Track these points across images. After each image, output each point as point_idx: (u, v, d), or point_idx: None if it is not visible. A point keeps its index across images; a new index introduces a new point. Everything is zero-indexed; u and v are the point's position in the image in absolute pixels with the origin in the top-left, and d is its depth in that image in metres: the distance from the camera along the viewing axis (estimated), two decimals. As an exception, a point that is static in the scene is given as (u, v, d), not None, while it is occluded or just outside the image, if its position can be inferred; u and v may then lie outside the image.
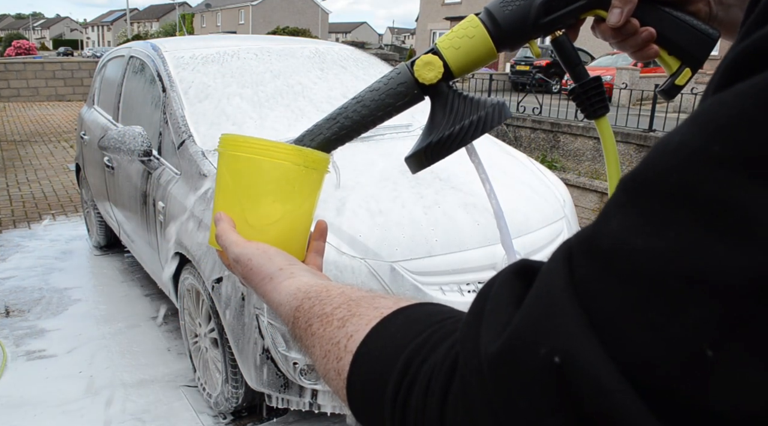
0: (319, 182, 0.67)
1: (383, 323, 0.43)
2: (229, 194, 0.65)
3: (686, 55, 0.63)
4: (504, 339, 0.31)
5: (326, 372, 0.46)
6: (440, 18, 28.02)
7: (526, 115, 8.38)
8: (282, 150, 0.64)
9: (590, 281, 0.29)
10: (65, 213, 5.49)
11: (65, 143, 9.17)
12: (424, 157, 0.67)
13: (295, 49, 3.38)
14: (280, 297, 0.54)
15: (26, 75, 14.54)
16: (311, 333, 0.48)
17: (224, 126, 2.71)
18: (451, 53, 0.66)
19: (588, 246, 0.30)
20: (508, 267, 0.36)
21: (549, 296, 0.30)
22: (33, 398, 2.66)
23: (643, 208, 0.28)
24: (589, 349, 0.27)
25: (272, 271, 0.57)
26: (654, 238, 0.27)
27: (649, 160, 0.29)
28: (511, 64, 17.83)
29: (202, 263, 2.30)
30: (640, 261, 0.27)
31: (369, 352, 0.42)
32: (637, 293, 0.27)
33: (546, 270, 0.32)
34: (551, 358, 0.28)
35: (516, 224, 2.30)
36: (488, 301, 0.35)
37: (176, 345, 3.12)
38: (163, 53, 3.14)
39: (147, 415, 2.56)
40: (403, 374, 0.38)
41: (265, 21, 53.52)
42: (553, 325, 0.29)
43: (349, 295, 0.48)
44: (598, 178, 6.68)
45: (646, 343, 0.26)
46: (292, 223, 0.65)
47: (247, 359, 2.16)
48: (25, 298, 3.67)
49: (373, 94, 0.70)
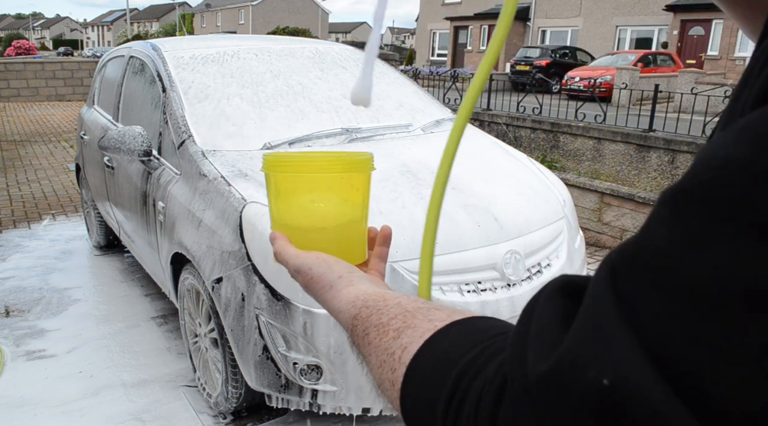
0: (365, 183, 0.68)
1: (436, 337, 0.43)
2: (281, 211, 0.67)
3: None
4: (552, 362, 0.30)
5: (381, 382, 0.46)
6: (440, 18, 28.02)
7: (526, 115, 8.38)
8: (320, 161, 0.65)
9: (637, 299, 0.28)
10: (65, 213, 5.49)
11: (65, 143, 9.17)
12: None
13: (295, 49, 3.38)
14: (340, 304, 0.55)
15: (26, 75, 14.54)
16: (368, 342, 0.49)
17: (224, 126, 2.71)
18: None
19: (632, 262, 0.29)
20: (552, 283, 0.36)
21: (595, 316, 0.29)
22: (33, 398, 2.66)
23: (690, 222, 0.27)
24: (640, 371, 0.27)
25: (332, 280, 0.58)
26: (704, 254, 0.26)
27: (693, 173, 0.28)
28: (511, 64, 17.81)
29: (202, 263, 2.30)
30: (691, 277, 0.26)
31: (421, 366, 0.42)
32: (690, 311, 0.26)
33: (591, 289, 0.31)
34: (600, 381, 0.28)
35: (516, 224, 2.30)
36: (534, 320, 0.34)
37: (176, 345, 3.12)
38: (163, 53, 3.14)
39: (147, 415, 2.56)
40: (453, 391, 0.38)
41: (265, 21, 53.51)
42: (600, 346, 0.28)
43: (405, 306, 0.49)
44: (598, 178, 6.68)
45: (702, 364, 0.25)
46: (346, 228, 0.66)
47: (247, 359, 2.16)
48: (25, 298, 3.67)
49: None
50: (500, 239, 2.22)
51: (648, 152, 6.98)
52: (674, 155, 6.71)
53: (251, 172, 2.38)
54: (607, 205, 5.22)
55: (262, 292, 2.07)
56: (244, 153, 2.55)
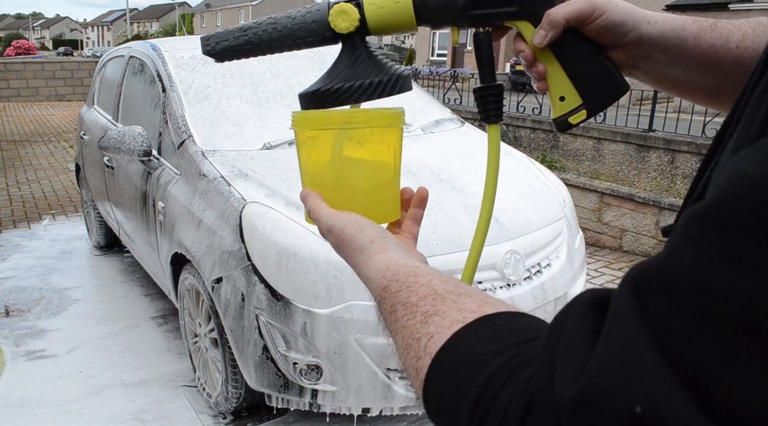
0: (395, 140, 0.66)
1: (465, 332, 0.42)
2: (310, 170, 0.66)
3: (589, 97, 0.63)
4: (580, 385, 0.29)
5: (406, 366, 0.46)
6: (440, 18, 27.95)
7: (526, 115, 8.38)
8: (347, 115, 0.64)
9: (668, 321, 0.27)
10: (65, 213, 5.49)
11: (65, 143, 9.17)
12: (309, 100, 0.66)
13: (295, 49, 3.37)
14: (369, 272, 0.54)
15: (26, 75, 14.54)
16: (395, 319, 0.48)
17: (224, 126, 2.71)
18: (373, 10, 0.65)
19: (660, 282, 0.28)
20: (581, 297, 0.35)
21: (623, 339, 0.28)
22: (33, 398, 2.66)
23: (722, 242, 0.26)
24: (673, 398, 0.26)
25: (364, 244, 0.57)
26: (738, 275, 0.25)
27: (724, 192, 0.27)
28: (511, 64, 17.80)
29: (202, 263, 2.30)
30: (724, 299, 0.25)
31: (448, 362, 0.42)
32: (725, 335, 0.25)
33: (615, 308, 0.30)
34: (632, 408, 0.27)
35: (516, 224, 2.30)
36: (563, 337, 0.33)
37: (176, 345, 3.12)
38: (163, 53, 3.14)
39: (147, 415, 2.56)
40: (480, 396, 0.37)
41: (265, 21, 53.41)
42: (631, 371, 0.27)
43: (435, 287, 0.48)
44: (598, 178, 6.69)
45: (739, 391, 0.25)
46: (377, 186, 0.65)
47: (247, 359, 2.16)
48: (25, 298, 3.67)
49: (288, 21, 0.68)
50: (500, 239, 2.22)
51: (648, 152, 6.99)
52: (674, 155, 6.71)
53: (251, 172, 2.38)
54: (606, 205, 5.22)
55: (262, 292, 2.07)
56: (244, 153, 2.55)
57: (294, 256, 2.05)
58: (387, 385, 2.06)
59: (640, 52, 0.62)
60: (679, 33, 0.61)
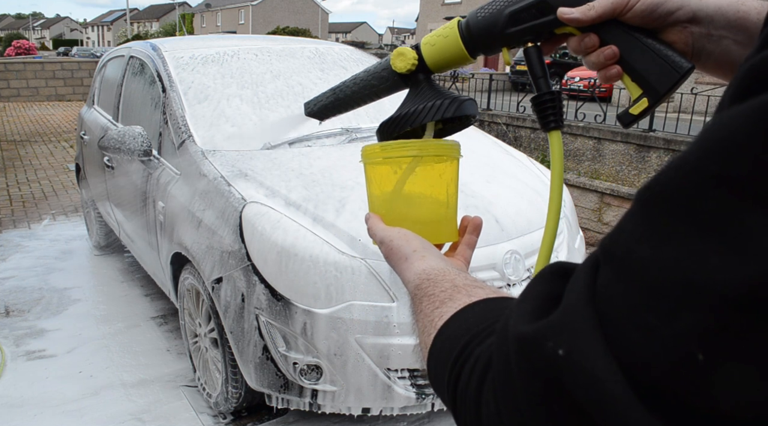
0: (450, 170, 0.72)
1: (465, 309, 0.49)
2: (375, 194, 0.74)
3: (646, 85, 0.62)
4: (527, 328, 0.34)
5: (422, 346, 0.52)
6: (440, 18, 28.01)
7: (526, 115, 8.38)
8: (404, 148, 0.69)
9: (606, 286, 0.32)
10: (65, 213, 5.49)
11: (65, 143, 9.17)
12: (380, 131, 0.73)
13: (295, 50, 3.38)
14: (409, 275, 0.61)
15: (26, 75, 14.53)
16: (420, 310, 0.55)
17: (224, 126, 2.71)
18: (428, 49, 0.71)
19: (605, 253, 0.33)
20: (549, 266, 0.40)
21: (571, 299, 0.33)
22: (33, 398, 2.66)
23: (650, 219, 0.30)
24: (589, 345, 0.30)
25: (407, 253, 0.63)
26: (657, 249, 0.29)
27: (658, 174, 0.31)
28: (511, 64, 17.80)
29: (202, 263, 2.30)
30: (645, 269, 0.29)
31: (445, 333, 0.48)
32: (639, 298, 0.29)
33: (574, 276, 0.35)
34: (556, 351, 0.32)
35: (516, 224, 2.30)
36: (524, 294, 0.39)
37: (176, 345, 3.12)
38: (163, 53, 3.14)
39: (147, 415, 2.56)
40: (460, 354, 0.43)
41: (265, 21, 53.50)
42: (566, 321, 0.33)
43: (456, 281, 0.55)
44: (598, 178, 6.69)
45: (642, 344, 0.29)
46: (429, 210, 0.72)
47: (247, 359, 2.16)
48: (25, 298, 3.67)
49: (365, 74, 0.76)
50: (500, 239, 2.22)
51: (648, 152, 6.99)
52: (674, 155, 6.71)
53: (251, 172, 2.38)
54: (607, 205, 5.21)
55: (262, 292, 2.07)
56: (244, 153, 2.55)
57: (294, 256, 2.05)
58: (387, 386, 2.06)
59: (699, 29, 0.59)
60: (738, 7, 0.58)
